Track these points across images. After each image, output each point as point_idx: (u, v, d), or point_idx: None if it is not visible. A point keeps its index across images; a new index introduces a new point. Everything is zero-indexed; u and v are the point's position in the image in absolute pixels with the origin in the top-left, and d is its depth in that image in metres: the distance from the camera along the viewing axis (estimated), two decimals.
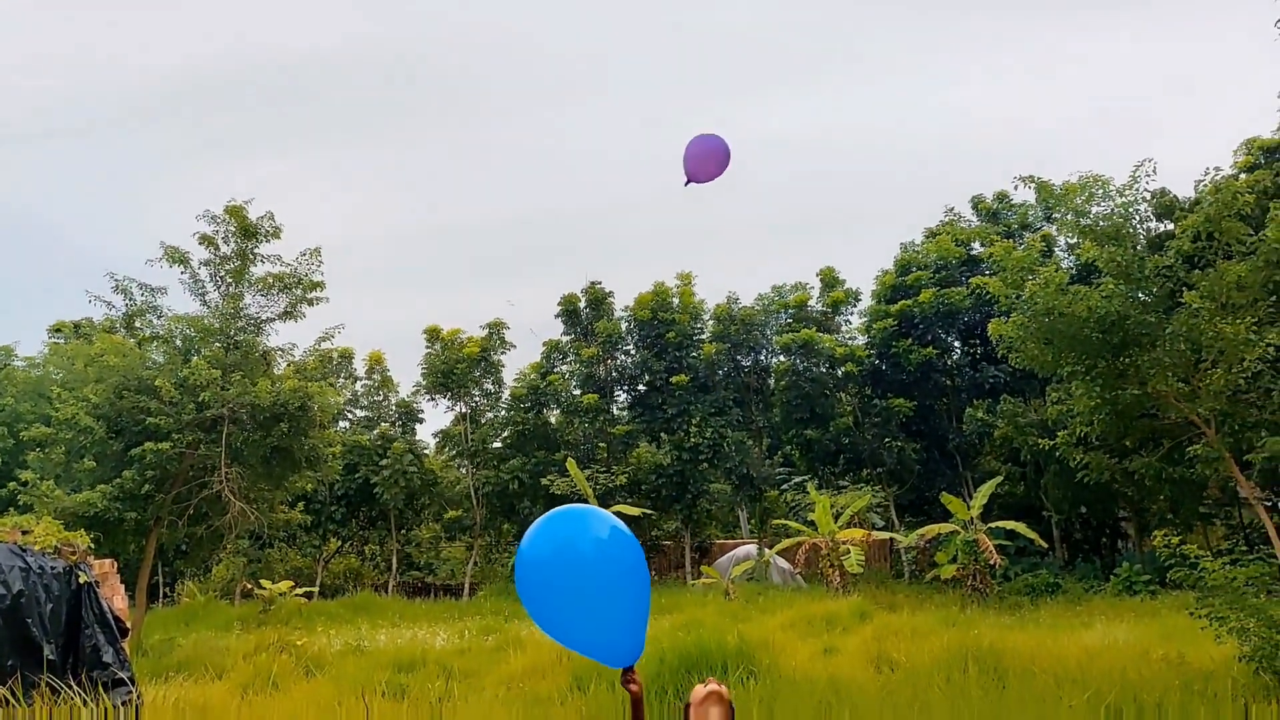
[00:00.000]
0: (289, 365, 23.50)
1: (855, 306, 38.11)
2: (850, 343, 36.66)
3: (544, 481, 32.83)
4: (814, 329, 35.76)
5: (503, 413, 36.51)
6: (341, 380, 37.12)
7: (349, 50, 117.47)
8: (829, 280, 38.05)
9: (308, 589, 28.45)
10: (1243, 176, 27.52)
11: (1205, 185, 27.70)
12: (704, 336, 36.06)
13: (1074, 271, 24.53)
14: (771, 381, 36.80)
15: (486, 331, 36.18)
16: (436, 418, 73.93)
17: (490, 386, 36.39)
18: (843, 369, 34.94)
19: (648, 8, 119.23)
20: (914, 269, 35.85)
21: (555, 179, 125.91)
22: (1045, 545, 29.10)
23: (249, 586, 30.01)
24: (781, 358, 36.21)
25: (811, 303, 37.91)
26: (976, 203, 38.06)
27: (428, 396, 36.33)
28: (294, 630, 18.48)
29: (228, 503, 20.08)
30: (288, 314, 21.79)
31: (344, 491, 34.27)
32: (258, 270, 21.71)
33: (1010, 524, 27.06)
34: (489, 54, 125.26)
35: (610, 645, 3.28)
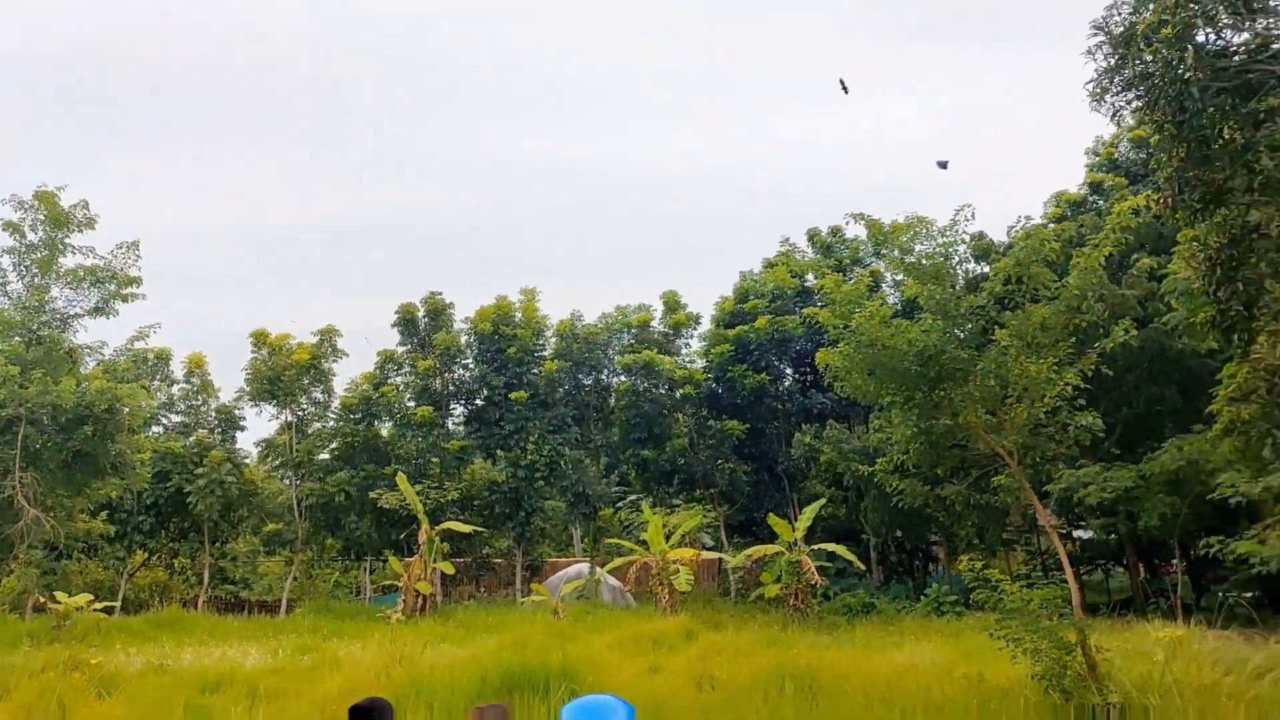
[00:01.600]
0: (98, 364, 21.95)
1: (695, 330, 38.87)
2: (689, 366, 37.34)
3: (372, 495, 31.83)
4: (655, 350, 36.22)
5: (331, 423, 35.19)
6: (156, 383, 34.96)
7: (211, 42, 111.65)
8: (671, 303, 38.66)
9: (108, 604, 26.49)
10: (1051, 226, 29.79)
11: (1017, 231, 29.86)
12: (546, 353, 35.89)
13: (898, 307, 25.87)
14: (611, 401, 36.98)
15: (318, 338, 34.82)
16: (260, 426, 70.63)
17: (319, 395, 34.98)
18: (681, 391, 35.51)
19: (516, 23, 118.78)
20: (752, 297, 36.94)
21: (403, 186, 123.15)
22: (863, 567, 30.39)
23: (42, 600, 27.69)
24: (622, 377, 36.47)
25: (654, 324, 38.39)
26: (812, 236, 39.61)
27: (251, 403, 34.59)
28: (89, 648, 17.15)
29: (20, 509, 18.54)
30: (99, 310, 20.41)
31: (153, 500, 32.12)
32: (67, 262, 20.23)
33: (831, 546, 28.12)
34: (349, 56, 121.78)
35: None
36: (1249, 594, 26.43)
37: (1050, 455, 19.47)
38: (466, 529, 29.39)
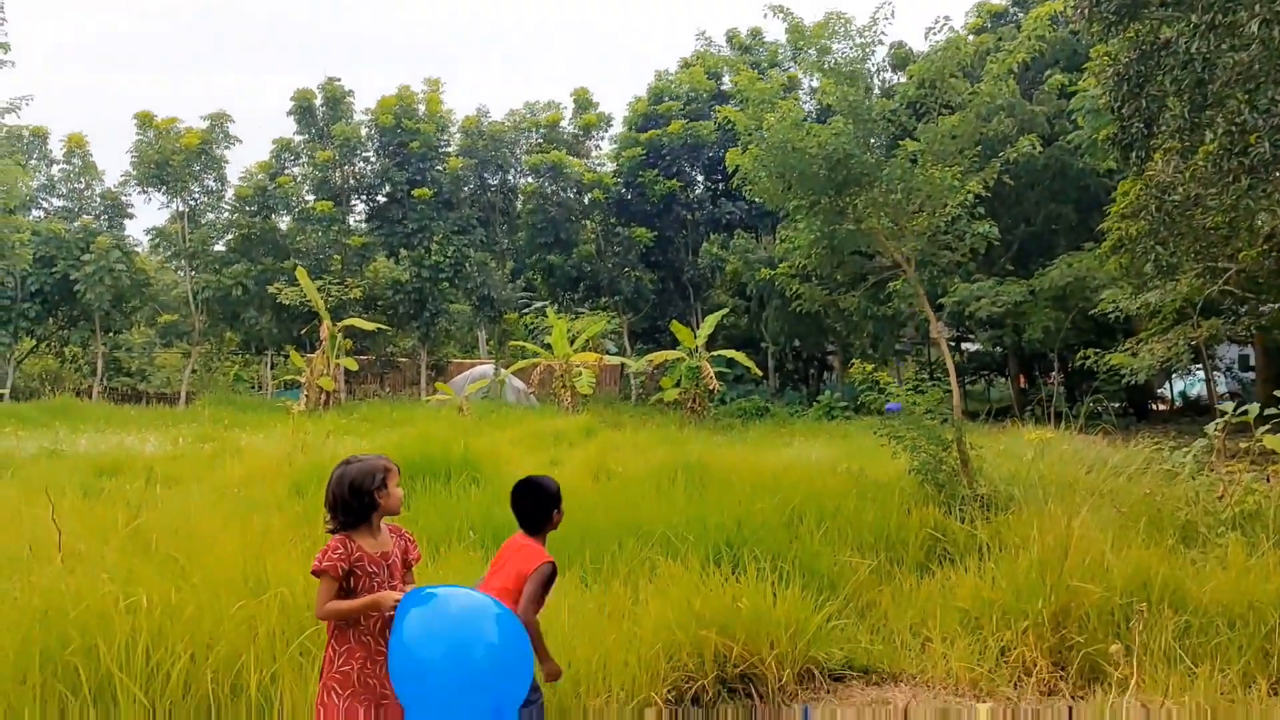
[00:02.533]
0: None
1: (607, 132, 37.96)
2: (599, 169, 36.67)
3: (271, 290, 31.07)
4: (564, 152, 35.36)
5: (226, 214, 33.76)
6: (33, 161, 32.78)
7: None
8: (582, 102, 37.47)
9: None
10: (971, 38, 29.45)
11: (937, 38, 29.42)
12: (450, 150, 34.68)
13: (814, 115, 25.60)
14: (518, 203, 36.28)
15: (208, 123, 32.84)
16: (149, 214, 67.61)
17: (212, 184, 33.31)
18: (589, 195, 34.99)
19: None
20: (666, 98, 36.02)
21: None
22: (760, 374, 31.39)
23: None
24: (530, 179, 35.66)
25: (564, 124, 37.29)
26: (731, 36, 38.45)
27: (139, 189, 32.80)
28: None
29: None
30: None
31: (39, 287, 30.77)
32: None
33: (731, 353, 28.84)
34: None
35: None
36: (1116, 404, 28.35)
37: (947, 265, 20.00)
38: (370, 326, 29.12)
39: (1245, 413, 8.15)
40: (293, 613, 4.72)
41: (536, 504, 4.10)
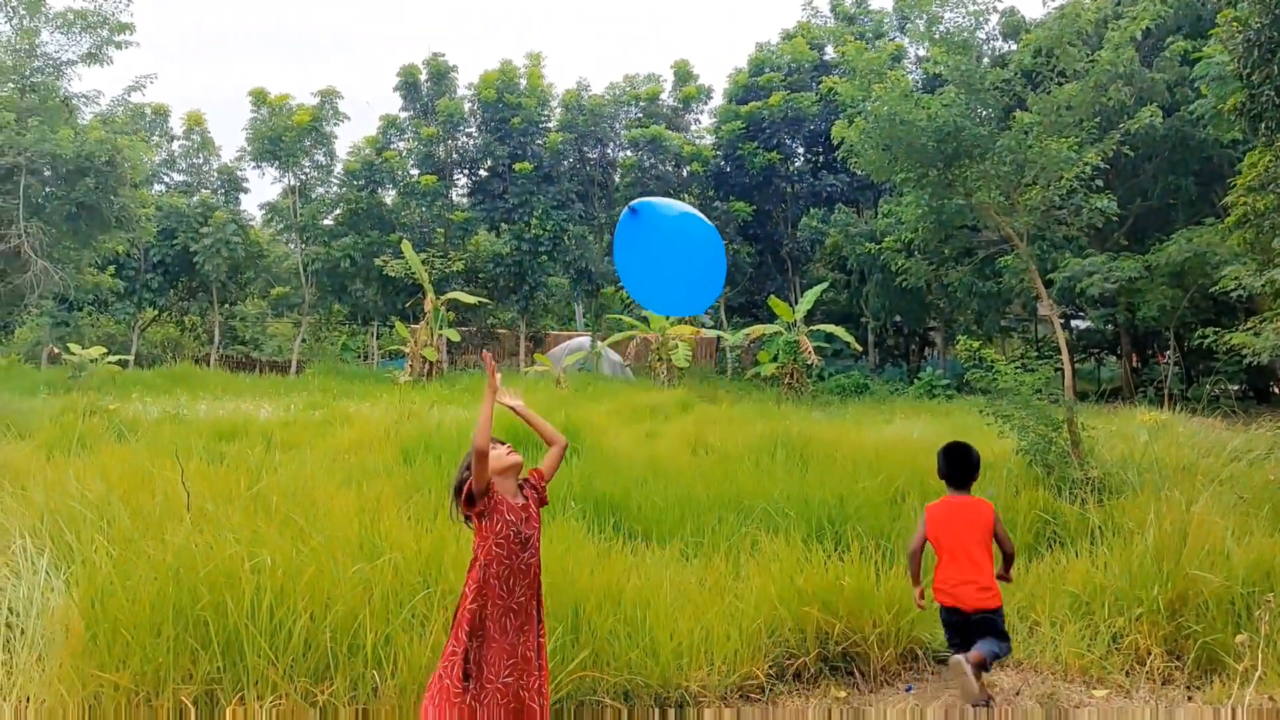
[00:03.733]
0: (95, 116, 21.35)
1: (706, 105, 37.69)
2: (698, 142, 36.46)
3: (377, 263, 31.93)
4: (664, 125, 35.26)
5: (335, 188, 34.80)
6: (155, 138, 34.29)
7: None
8: (682, 74, 37.26)
9: (121, 357, 27.21)
10: (1088, 2, 28.19)
11: (1053, 8, 28.29)
12: (551, 124, 34.95)
13: (921, 85, 24.92)
14: (617, 177, 36.37)
15: (318, 99, 33.81)
16: (262, 189, 70.11)
17: (321, 159, 34.40)
18: (688, 168, 34.84)
19: None
20: (767, 70, 35.55)
21: None
22: (860, 350, 30.91)
23: (56, 351, 28.38)
24: (629, 152, 35.69)
25: (663, 96, 37.16)
26: (835, 5, 37.61)
27: (253, 164, 34.08)
28: (105, 396, 17.69)
29: (27, 260, 18.55)
30: (93, 57, 19.55)
31: (161, 258, 32.32)
32: (55, 3, 19.25)
33: (830, 328, 28.44)
34: None
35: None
36: (1235, 386, 27.04)
37: (1058, 242, 19.28)
38: (471, 300, 29.68)
39: None
40: (405, 576, 4.89)
41: (969, 462, 4.95)
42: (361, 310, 35.68)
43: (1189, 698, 4.90)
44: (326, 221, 34.86)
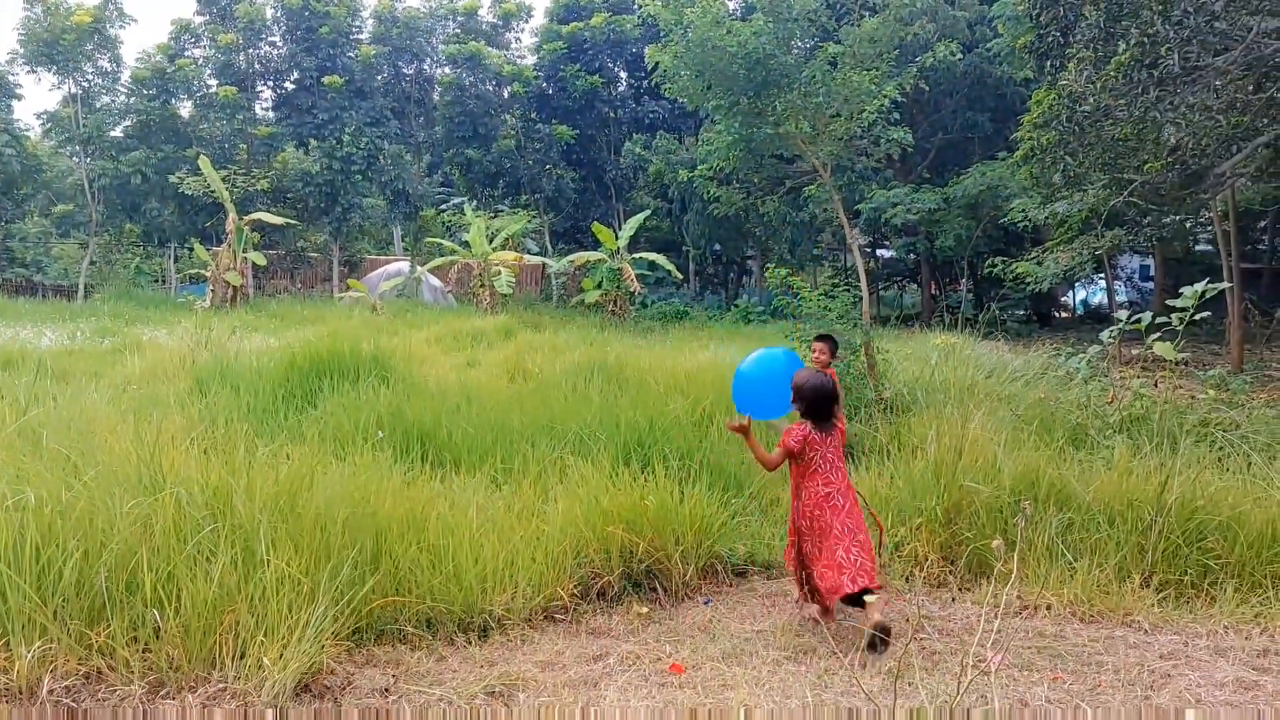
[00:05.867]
0: None
1: (527, 24, 36.80)
2: (519, 62, 35.60)
3: (173, 179, 29.73)
4: (483, 42, 34.17)
5: (122, 98, 31.96)
6: None
7: None
8: None
9: None
10: None
11: None
12: (362, 36, 33.21)
13: (739, 12, 25.13)
14: (435, 95, 35.09)
15: None
16: (39, 96, 63.61)
17: (106, 64, 31.42)
18: (509, 89, 34.02)
19: None
20: None
21: None
22: (681, 277, 31.45)
23: None
24: (447, 70, 34.46)
25: (481, 12, 35.97)
26: None
27: (27, 68, 30.75)
28: None
29: None
30: None
31: None
32: None
33: (652, 256, 28.75)
34: None
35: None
36: (1022, 311, 29.25)
37: (864, 171, 20.09)
38: (278, 220, 28.16)
39: (1139, 320, 8.44)
40: (189, 511, 4.63)
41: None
42: (157, 231, 33.26)
43: (953, 599, 5.32)
44: (115, 133, 32.07)
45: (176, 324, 19.85)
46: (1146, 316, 8.51)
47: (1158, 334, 8.39)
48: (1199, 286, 8.29)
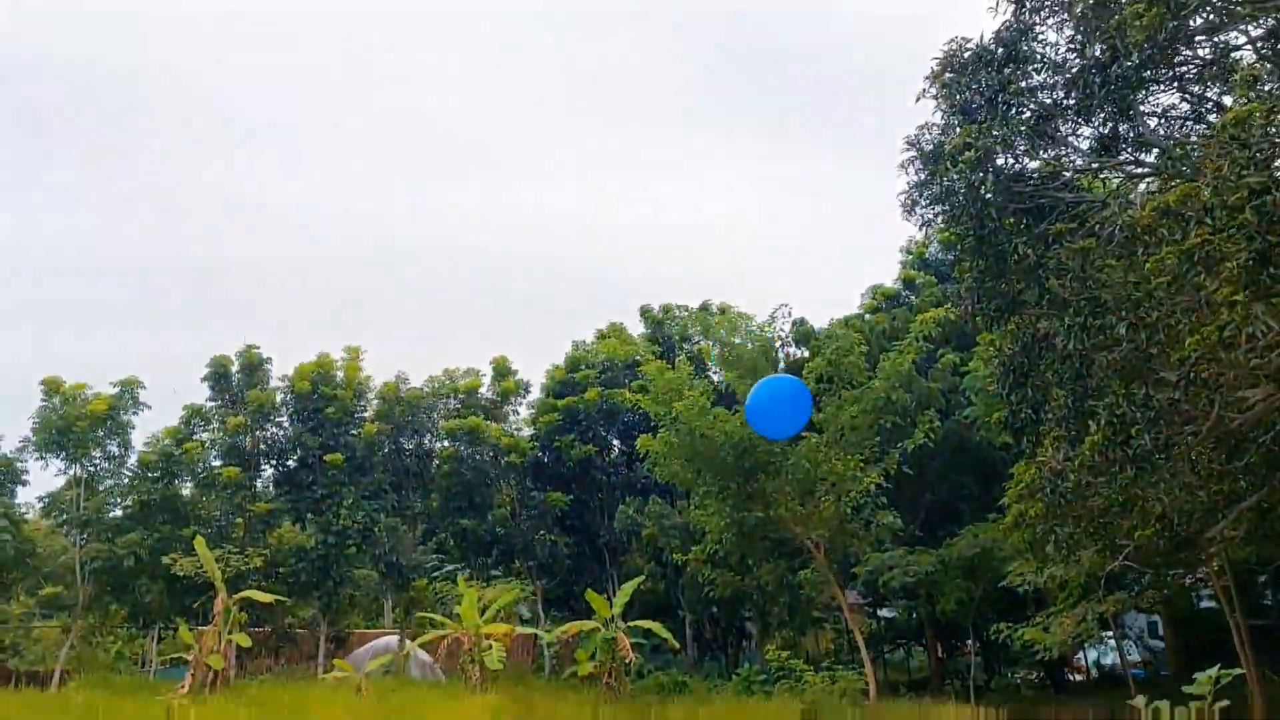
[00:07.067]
0: None
1: (525, 398, 38.55)
2: (516, 434, 36.90)
3: (165, 560, 29.55)
4: (482, 417, 35.64)
5: (126, 480, 32.61)
6: None
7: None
8: (501, 369, 38.26)
9: None
10: (868, 317, 31.44)
11: (836, 322, 31.30)
12: (367, 415, 34.65)
13: (724, 388, 26.53)
14: (433, 467, 35.98)
15: (118, 389, 32.36)
16: (43, 480, 64.74)
17: (115, 449, 32.35)
18: (506, 459, 34.98)
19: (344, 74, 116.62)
20: (583, 367, 37.05)
21: (210, 225, 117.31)
22: (678, 646, 30.48)
23: None
24: (446, 443, 35.62)
25: (482, 390, 37.83)
26: (644, 312, 40.16)
27: (36, 456, 31.61)
28: None
29: None
30: None
31: None
32: None
33: (647, 623, 28.04)
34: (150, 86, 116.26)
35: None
36: (1034, 675, 28.12)
37: (855, 550, 20.24)
38: (267, 598, 27.62)
39: (1156, 711, 8.10)
40: None
41: None
42: (144, 612, 32.51)
43: None
44: (114, 514, 32.35)
45: (151, 716, 18.86)
46: (1165, 705, 8.17)
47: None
48: (1212, 672, 8.04)
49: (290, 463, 33.79)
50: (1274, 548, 16.76)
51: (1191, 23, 12.78)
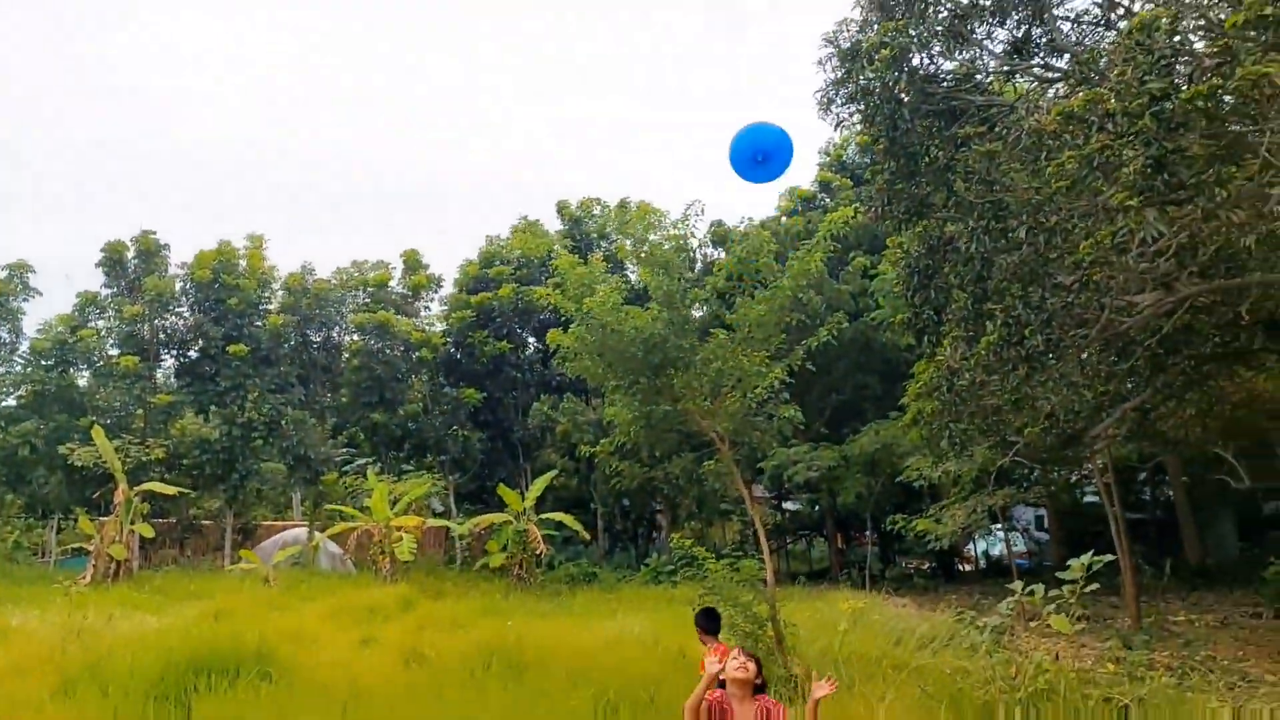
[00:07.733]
0: None
1: (437, 293, 38.00)
2: (428, 329, 36.47)
3: (62, 450, 28.76)
4: (393, 311, 35.08)
5: (19, 367, 31.39)
6: None
7: None
8: (412, 263, 37.56)
9: None
10: (784, 220, 31.62)
11: (750, 223, 31.41)
12: (272, 307, 33.74)
13: (640, 286, 26.55)
14: (342, 360, 35.43)
15: (6, 273, 30.86)
16: None
17: (5, 335, 31.07)
18: (417, 354, 34.64)
19: None
20: (498, 263, 36.59)
21: (110, 106, 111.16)
22: (589, 537, 31.14)
23: None
24: (355, 337, 35.04)
25: (393, 284, 37.13)
26: (561, 208, 39.68)
27: None
28: None
29: None
30: None
31: None
32: None
33: (559, 515, 28.56)
34: None
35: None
36: (926, 565, 29.59)
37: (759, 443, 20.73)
38: (170, 490, 27.22)
39: (1032, 593, 8.62)
40: None
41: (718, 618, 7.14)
42: (41, 502, 31.75)
43: None
44: (7, 403, 31.22)
45: (52, 604, 18.59)
46: (1039, 590, 8.70)
47: (1053, 606, 8.54)
48: (1085, 559, 8.55)
49: (192, 353, 32.84)
50: (1153, 446, 17.76)
51: None
